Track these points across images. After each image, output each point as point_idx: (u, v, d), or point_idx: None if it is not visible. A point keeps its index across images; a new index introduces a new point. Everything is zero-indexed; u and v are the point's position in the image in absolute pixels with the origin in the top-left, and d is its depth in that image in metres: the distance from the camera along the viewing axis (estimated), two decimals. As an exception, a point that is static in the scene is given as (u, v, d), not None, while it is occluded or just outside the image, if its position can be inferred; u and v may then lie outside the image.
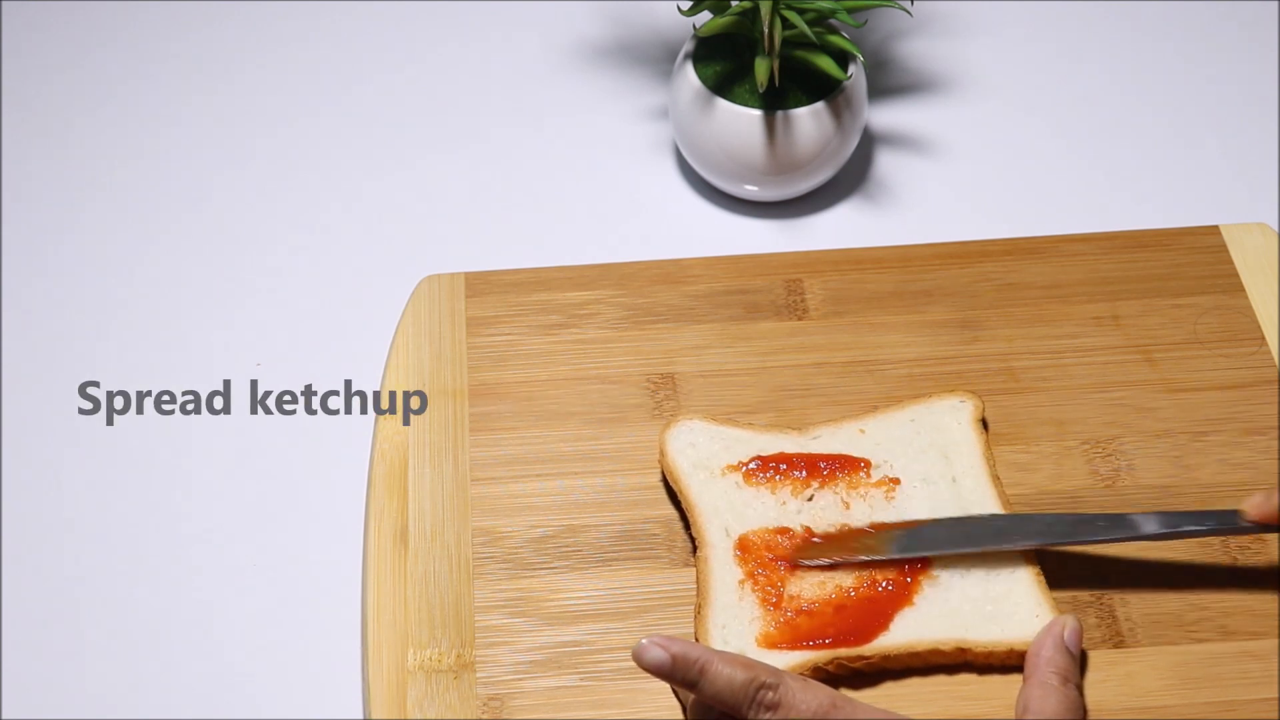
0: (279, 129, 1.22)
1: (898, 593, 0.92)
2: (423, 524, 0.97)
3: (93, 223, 1.16)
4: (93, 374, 1.07)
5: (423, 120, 1.22)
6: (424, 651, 0.92)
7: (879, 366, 1.04)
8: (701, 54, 1.13)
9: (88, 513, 1.02)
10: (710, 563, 0.94)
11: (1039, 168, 1.18)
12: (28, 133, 1.21)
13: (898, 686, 0.91)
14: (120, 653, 0.96)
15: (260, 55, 1.27)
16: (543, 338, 1.05)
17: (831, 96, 1.11)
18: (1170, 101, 1.22)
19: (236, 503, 1.02)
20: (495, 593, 0.95)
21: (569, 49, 1.26)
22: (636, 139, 1.20)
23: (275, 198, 1.17)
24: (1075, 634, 0.90)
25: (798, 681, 0.85)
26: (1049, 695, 0.87)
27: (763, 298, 1.07)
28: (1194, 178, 1.17)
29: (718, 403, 1.02)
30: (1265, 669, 0.91)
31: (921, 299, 1.07)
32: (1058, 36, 1.26)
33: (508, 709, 0.90)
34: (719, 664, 0.85)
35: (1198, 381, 1.02)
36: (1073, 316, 1.05)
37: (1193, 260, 1.08)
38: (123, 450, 1.04)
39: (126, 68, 1.26)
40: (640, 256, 1.11)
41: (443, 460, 1.00)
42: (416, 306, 1.07)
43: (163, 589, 0.98)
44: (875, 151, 1.19)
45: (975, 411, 1.00)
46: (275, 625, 0.97)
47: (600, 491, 0.99)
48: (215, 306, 1.11)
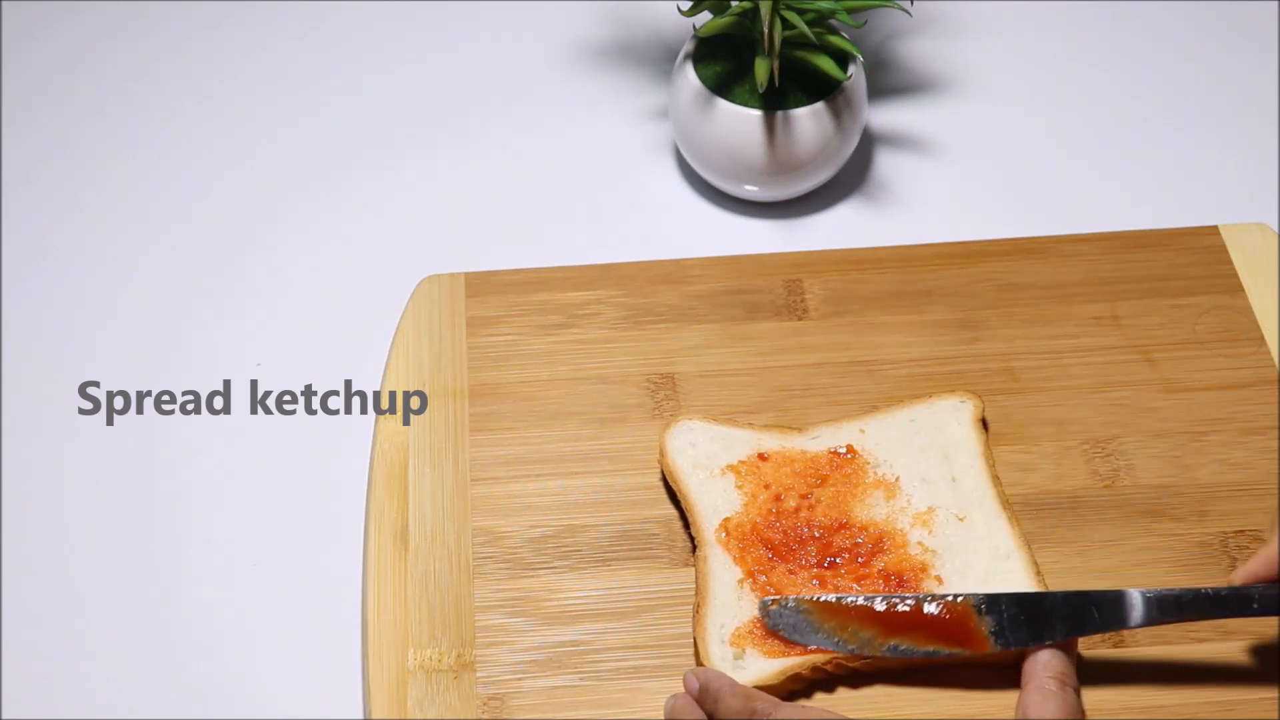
0: (279, 129, 1.22)
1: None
2: (423, 524, 0.97)
3: (93, 223, 1.16)
4: (93, 374, 1.07)
5: (423, 120, 1.22)
6: (424, 651, 0.93)
7: (879, 366, 1.04)
8: (701, 54, 1.14)
9: (88, 513, 1.02)
10: (709, 562, 0.94)
11: (1039, 168, 1.18)
12: (28, 133, 1.21)
13: (897, 686, 0.91)
14: (120, 653, 0.96)
15: (260, 56, 1.27)
16: (543, 338, 1.05)
17: (831, 97, 1.11)
18: (1170, 101, 1.22)
19: (237, 503, 1.02)
20: (495, 592, 0.95)
21: (569, 49, 1.26)
22: (636, 139, 1.20)
23: (276, 198, 1.17)
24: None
25: (794, 709, 0.87)
26: (1048, 699, 0.87)
27: (763, 298, 1.07)
28: (1194, 178, 1.17)
29: (718, 403, 1.02)
30: (1265, 669, 0.91)
31: (921, 299, 1.07)
32: (1057, 36, 1.26)
33: (508, 709, 0.90)
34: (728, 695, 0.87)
35: (1197, 381, 1.02)
36: (1073, 316, 1.05)
37: (1192, 260, 1.08)
38: (123, 450, 1.04)
39: (126, 68, 1.26)
40: (640, 256, 1.11)
41: (443, 460, 1.00)
42: (416, 306, 1.07)
43: (163, 589, 0.98)
44: (875, 151, 1.19)
45: (975, 411, 1.00)
46: (275, 625, 0.97)
47: (600, 491, 0.99)
48: (215, 306, 1.11)
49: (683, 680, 0.89)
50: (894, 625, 0.90)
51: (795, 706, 0.87)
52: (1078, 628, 0.89)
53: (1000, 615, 0.89)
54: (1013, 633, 0.89)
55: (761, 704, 0.87)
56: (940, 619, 0.89)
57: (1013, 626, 0.89)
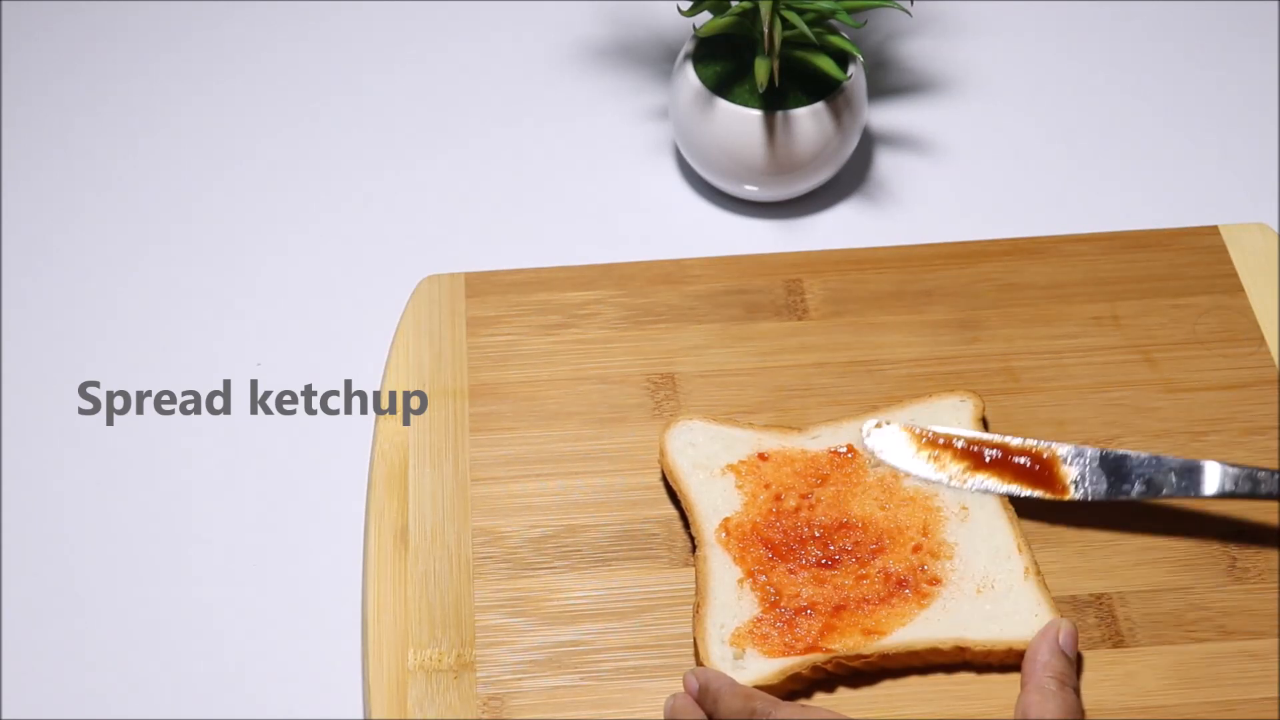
0: (279, 129, 1.22)
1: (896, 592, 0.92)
2: (423, 524, 0.97)
3: (93, 223, 1.16)
4: (93, 374, 1.07)
5: (423, 120, 1.22)
6: (424, 651, 0.93)
7: (879, 366, 1.04)
8: (701, 54, 1.14)
9: (88, 513, 1.02)
10: (710, 562, 0.94)
11: (1039, 168, 1.18)
12: (28, 133, 1.21)
13: (897, 686, 0.91)
14: (120, 653, 0.96)
15: (260, 56, 1.27)
16: (543, 338, 1.05)
17: (831, 97, 1.11)
18: (1170, 101, 1.22)
19: (237, 503, 1.02)
20: (495, 592, 0.95)
21: (569, 49, 1.26)
22: (636, 139, 1.20)
23: (276, 198, 1.17)
24: (1070, 637, 0.90)
25: (794, 709, 0.87)
26: (1047, 700, 0.87)
27: (763, 298, 1.07)
28: (1194, 178, 1.17)
29: (718, 403, 1.02)
30: (1264, 669, 0.91)
31: (921, 299, 1.07)
32: (1057, 36, 1.26)
33: (508, 709, 0.90)
34: (728, 695, 0.87)
35: (1197, 381, 1.02)
36: (1073, 316, 1.05)
37: (1192, 260, 1.08)
38: (123, 450, 1.04)
39: (126, 68, 1.26)
40: (640, 256, 1.11)
41: (443, 460, 1.00)
42: (416, 306, 1.07)
43: (163, 589, 0.98)
44: (875, 151, 1.19)
45: (975, 411, 1.00)
46: (275, 625, 0.97)
47: (600, 491, 0.99)
48: (215, 306, 1.11)
49: (683, 680, 0.89)
50: (982, 462, 0.95)
51: (795, 706, 0.87)
52: (1155, 489, 0.94)
53: (1084, 466, 0.95)
54: (1092, 483, 0.94)
55: (761, 704, 0.87)
56: (1026, 464, 0.95)
57: (1093, 478, 0.94)
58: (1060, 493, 0.95)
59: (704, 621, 0.92)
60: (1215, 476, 0.94)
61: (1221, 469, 0.94)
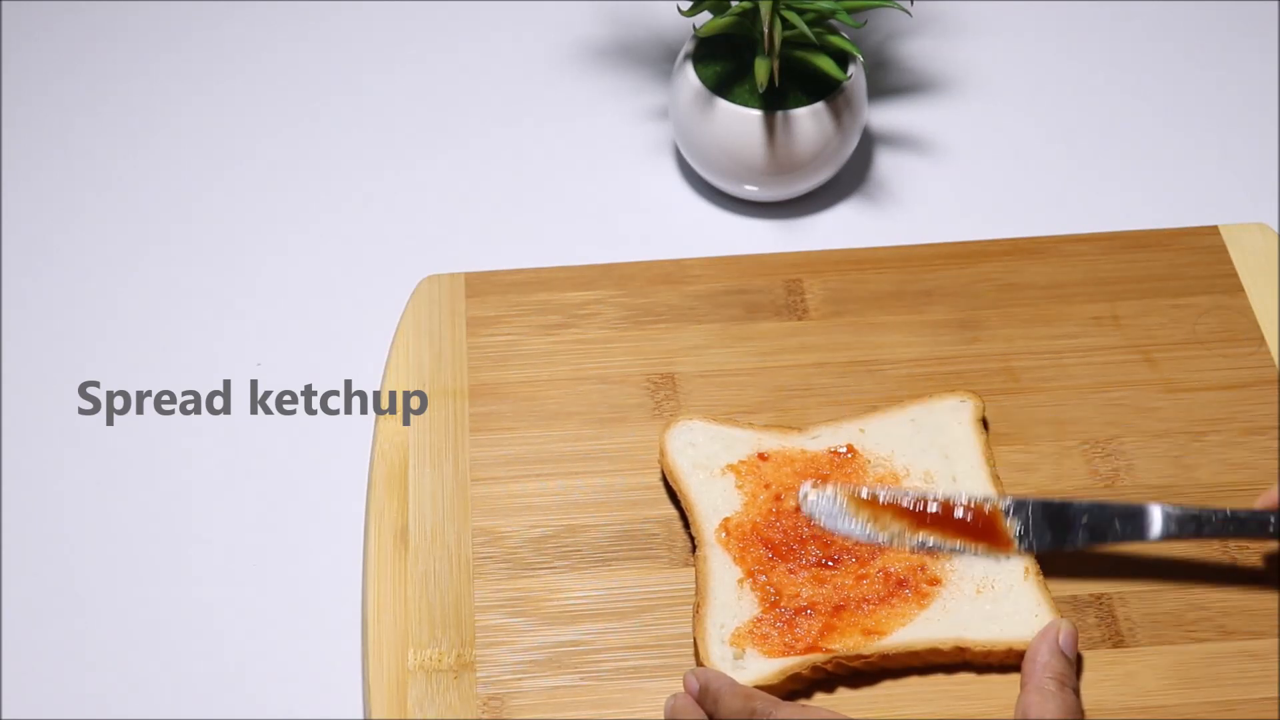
0: (279, 129, 1.22)
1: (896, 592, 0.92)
2: (423, 524, 0.97)
3: (93, 223, 1.16)
4: (93, 374, 1.07)
5: (423, 120, 1.22)
6: (424, 651, 0.93)
7: (879, 366, 1.04)
8: (701, 54, 1.14)
9: (88, 513, 1.02)
10: (709, 562, 0.94)
11: (1039, 168, 1.18)
12: (28, 133, 1.21)
13: (897, 686, 0.91)
14: (120, 653, 0.96)
15: (260, 55, 1.27)
16: (543, 338, 1.05)
17: (831, 97, 1.11)
18: (1170, 101, 1.22)
19: (237, 503, 1.02)
20: (495, 592, 0.95)
21: (569, 49, 1.26)
22: (636, 139, 1.20)
23: (275, 198, 1.17)
24: (1070, 637, 0.90)
25: (794, 709, 0.87)
26: (1047, 700, 0.87)
27: (763, 298, 1.07)
28: (1194, 178, 1.17)
29: (718, 403, 1.02)
30: (1264, 668, 0.91)
31: (921, 299, 1.07)
32: (1057, 36, 1.26)
33: (508, 709, 0.90)
34: (728, 695, 0.87)
35: (1197, 381, 1.02)
36: (1073, 316, 1.06)
37: (1192, 260, 1.08)
38: (123, 450, 1.04)
39: (126, 68, 1.26)
40: (640, 256, 1.11)
41: (443, 460, 1.00)
42: (416, 306, 1.07)
43: (163, 589, 0.98)
44: (875, 151, 1.19)
45: (975, 411, 1.00)
46: (275, 625, 0.97)
47: (600, 491, 0.99)
48: (215, 306, 1.11)
49: (683, 680, 0.89)
50: (924, 521, 0.93)
51: (795, 706, 0.87)
52: (1100, 536, 0.92)
53: (1026, 519, 0.93)
54: (1036, 536, 0.93)
55: (761, 704, 0.87)
56: (968, 520, 0.93)
57: (1037, 531, 0.93)
58: (1005, 547, 0.93)
59: (704, 621, 0.92)
60: (1158, 520, 0.92)
61: (1163, 512, 0.92)
